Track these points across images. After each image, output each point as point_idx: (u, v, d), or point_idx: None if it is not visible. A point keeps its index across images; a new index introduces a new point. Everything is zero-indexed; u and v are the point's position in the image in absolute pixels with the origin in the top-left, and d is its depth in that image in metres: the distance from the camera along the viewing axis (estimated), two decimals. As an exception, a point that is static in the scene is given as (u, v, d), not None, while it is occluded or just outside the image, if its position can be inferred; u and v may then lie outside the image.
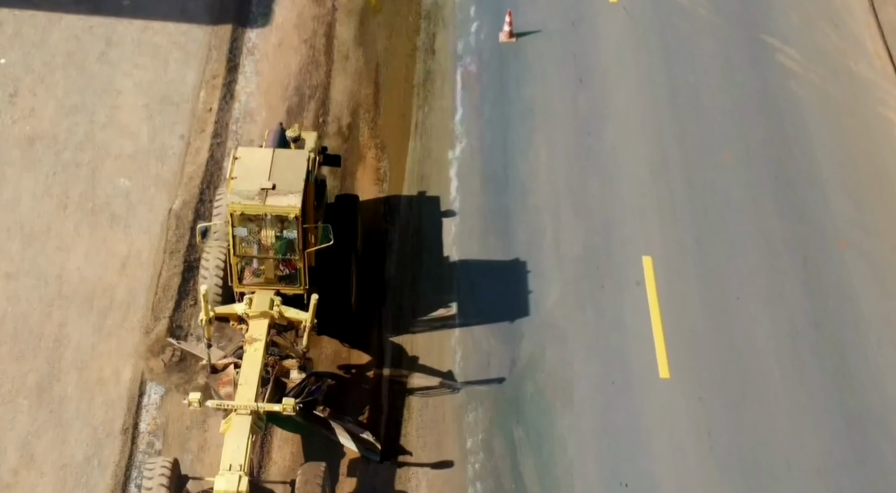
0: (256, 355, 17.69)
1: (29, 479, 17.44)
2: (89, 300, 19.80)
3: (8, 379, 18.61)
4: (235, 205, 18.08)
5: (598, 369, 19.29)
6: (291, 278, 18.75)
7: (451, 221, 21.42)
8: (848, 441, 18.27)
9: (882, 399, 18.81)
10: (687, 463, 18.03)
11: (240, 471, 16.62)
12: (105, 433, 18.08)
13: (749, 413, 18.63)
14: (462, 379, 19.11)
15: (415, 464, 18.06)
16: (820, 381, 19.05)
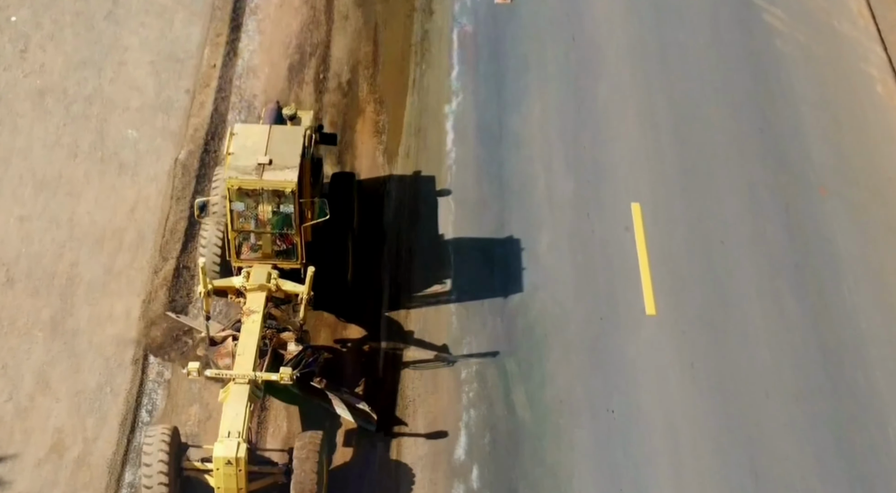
0: (254, 326, 18.60)
1: (45, 404, 18.88)
2: (100, 242, 21.23)
3: (23, 314, 20.04)
4: (233, 180, 18.84)
5: (588, 308, 20.73)
6: (288, 253, 19.56)
7: (447, 172, 22.86)
8: (823, 371, 19.74)
9: (857, 333, 20.27)
10: (670, 391, 19.48)
11: (238, 438, 17.34)
12: (116, 363, 19.51)
13: (730, 346, 20.09)
14: (457, 316, 20.55)
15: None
16: (798, 316, 20.52)
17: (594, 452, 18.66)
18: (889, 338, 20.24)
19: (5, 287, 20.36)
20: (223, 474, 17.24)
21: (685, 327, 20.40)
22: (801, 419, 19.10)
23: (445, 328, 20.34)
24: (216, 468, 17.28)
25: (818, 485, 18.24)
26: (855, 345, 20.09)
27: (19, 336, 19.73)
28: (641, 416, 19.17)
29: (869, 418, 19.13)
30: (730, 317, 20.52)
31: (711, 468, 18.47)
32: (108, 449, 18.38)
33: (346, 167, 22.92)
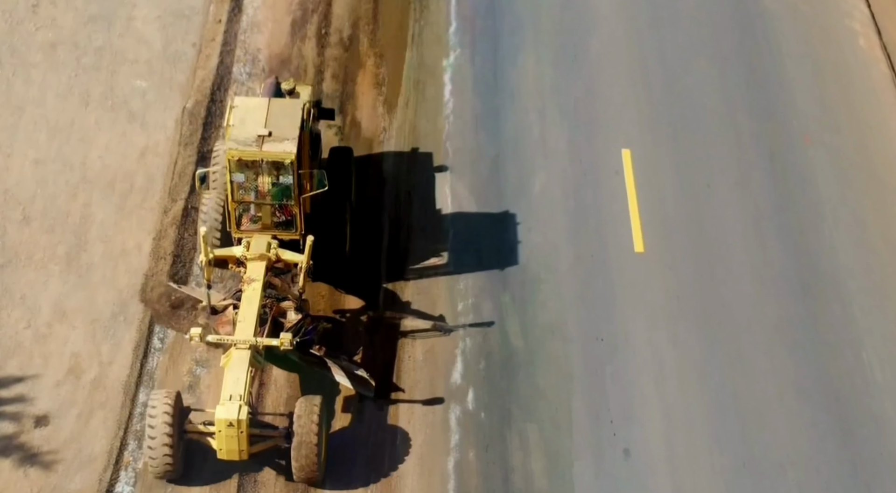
0: (254, 294, 19.55)
1: (62, 331, 20.42)
2: (111, 184, 22.77)
3: (39, 249, 21.58)
4: (233, 151, 19.65)
5: (579, 246, 22.28)
6: (287, 224, 20.42)
7: (444, 121, 24.39)
8: (802, 302, 21.32)
9: (835, 269, 21.84)
10: (656, 321, 21.04)
11: (240, 401, 18.19)
12: (129, 295, 21.06)
13: (714, 280, 21.66)
14: (453, 253, 22.08)
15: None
16: (780, 253, 22.08)
17: (583, 376, 20.23)
18: (866, 272, 21.81)
19: (22, 225, 21.92)
20: (225, 436, 18.11)
21: (672, 264, 21.96)
22: (780, 346, 20.66)
23: (444, 265, 21.86)
24: (218, 431, 18.15)
25: (794, 404, 19.81)
26: (833, 279, 21.68)
27: (36, 270, 21.28)
28: (629, 344, 20.73)
29: (845, 344, 20.70)
30: (714, 254, 22.08)
31: (694, 390, 20.03)
32: (123, 372, 19.93)
33: (346, 118, 24.48)
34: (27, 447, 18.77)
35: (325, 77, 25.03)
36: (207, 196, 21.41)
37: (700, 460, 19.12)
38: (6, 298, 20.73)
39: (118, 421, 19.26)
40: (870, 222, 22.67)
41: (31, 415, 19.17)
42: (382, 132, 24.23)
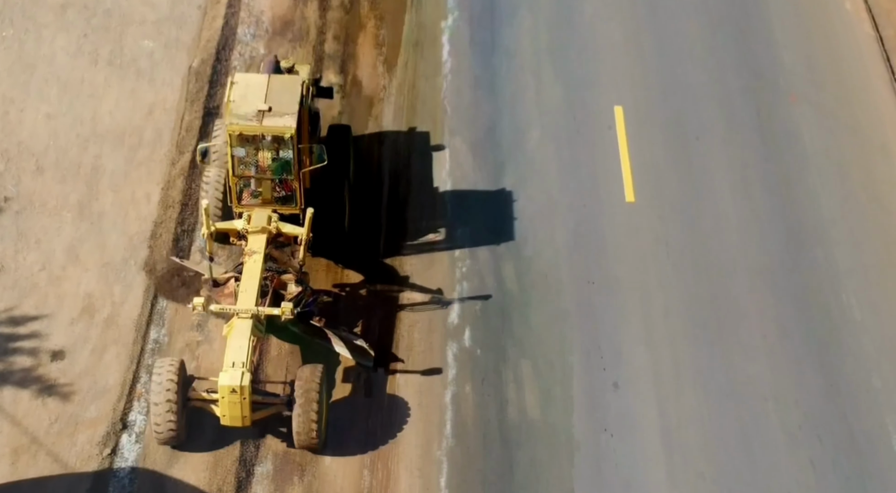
0: (256, 265, 20.38)
1: (75, 274, 21.80)
2: (121, 138, 24.15)
3: (53, 197, 22.96)
4: (234, 126, 20.35)
5: (572, 196, 23.66)
6: (287, 198, 21.18)
7: (443, 80, 25.74)
8: (786, 249, 22.70)
9: (818, 217, 23.24)
10: (646, 266, 22.42)
11: (242, 368, 18.96)
12: (140, 241, 22.43)
13: (702, 228, 23.03)
14: (452, 205, 23.44)
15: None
16: (765, 203, 23.47)
17: (575, 315, 21.62)
18: (847, 220, 23.20)
19: (35, 174, 23.29)
20: (228, 402, 18.90)
21: (661, 213, 23.34)
22: (765, 290, 22.04)
23: (441, 215, 23.22)
24: (221, 397, 18.92)
25: (776, 341, 21.20)
26: (816, 227, 23.07)
27: (50, 216, 22.65)
28: (619, 286, 22.10)
29: (826, 288, 22.09)
30: (703, 204, 23.46)
31: (681, 329, 21.42)
32: (134, 312, 21.31)
33: (347, 77, 25.85)
34: (44, 379, 20.16)
35: (326, 38, 26.40)
36: (208, 172, 22.28)
37: (685, 392, 20.52)
38: (21, 242, 22.12)
39: (130, 356, 20.64)
40: (852, 174, 24.06)
41: (48, 350, 20.56)
42: (382, 90, 25.59)
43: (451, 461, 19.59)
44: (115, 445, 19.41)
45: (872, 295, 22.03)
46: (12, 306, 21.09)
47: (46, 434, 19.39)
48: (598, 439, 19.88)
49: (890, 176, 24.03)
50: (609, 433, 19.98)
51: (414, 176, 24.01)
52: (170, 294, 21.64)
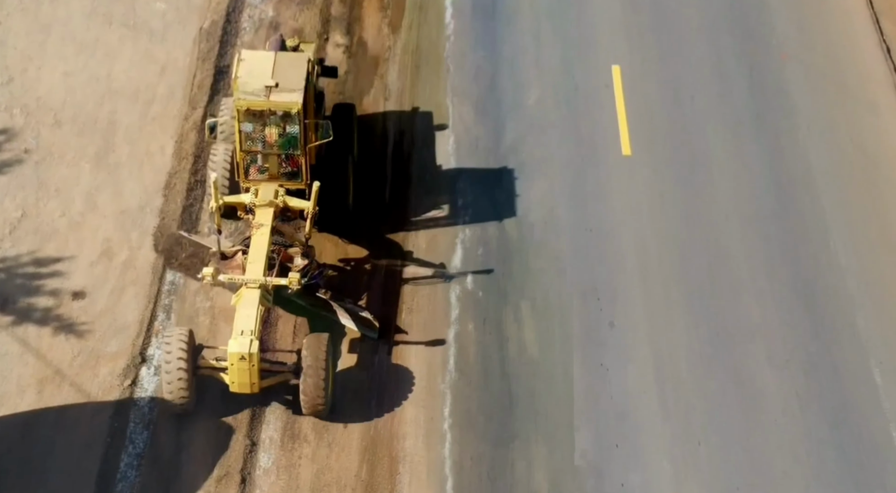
0: (263, 238, 21.20)
1: (94, 220, 23.22)
2: (135, 94, 25.58)
3: (71, 149, 24.38)
4: (241, 101, 21.21)
5: (570, 150, 25.10)
6: (293, 174, 21.98)
7: (445, 41, 27.17)
8: (776, 198, 24.17)
9: (806, 167, 24.72)
10: (641, 214, 23.87)
11: (251, 336, 19.78)
12: (154, 190, 23.87)
13: (696, 180, 24.49)
14: (455, 157, 24.85)
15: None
16: (756, 156, 24.94)
17: (573, 260, 23.06)
18: (835, 170, 24.67)
19: (54, 127, 24.72)
20: (237, 369, 19.72)
21: (657, 166, 24.78)
22: (754, 236, 23.49)
23: (444, 168, 24.64)
24: (230, 364, 19.76)
25: (765, 283, 22.65)
26: (804, 177, 24.54)
27: (68, 167, 24.08)
28: (615, 233, 23.56)
29: (813, 234, 23.55)
30: (696, 157, 24.91)
31: (674, 273, 22.87)
32: (151, 255, 22.74)
33: (353, 38, 27.28)
34: (66, 317, 21.58)
35: (332, 1, 27.79)
36: (215, 148, 23.13)
37: (677, 330, 21.96)
38: (42, 190, 23.55)
39: (148, 296, 22.07)
40: (840, 128, 25.51)
41: (69, 290, 21.99)
42: (387, 51, 27.02)
43: (454, 393, 21.02)
44: (135, 377, 20.85)
45: (857, 241, 23.48)
46: (35, 249, 22.53)
47: (70, 367, 20.83)
48: (595, 373, 21.32)
49: (876, 130, 25.50)
50: (605, 367, 21.41)
51: (417, 132, 25.42)
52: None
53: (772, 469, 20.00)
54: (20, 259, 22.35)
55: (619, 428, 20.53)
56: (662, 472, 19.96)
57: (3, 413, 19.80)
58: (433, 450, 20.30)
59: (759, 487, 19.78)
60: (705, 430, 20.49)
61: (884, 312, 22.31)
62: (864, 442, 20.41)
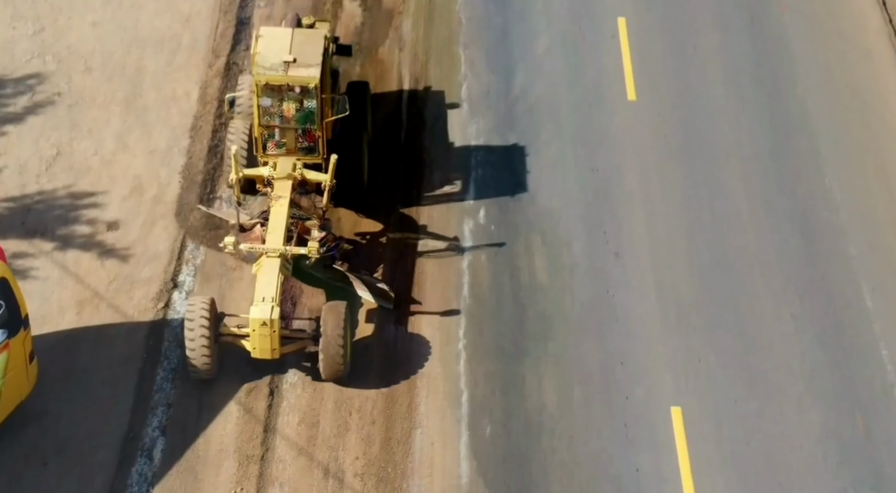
0: (282, 209, 22.20)
1: (125, 159, 25.11)
2: (161, 43, 27.45)
3: (101, 93, 26.27)
4: (260, 76, 22.22)
5: (578, 95, 26.97)
6: (310, 149, 22.99)
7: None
8: (773, 139, 26.06)
9: (803, 111, 26.62)
10: (645, 155, 25.75)
11: (272, 302, 20.83)
12: (181, 132, 25.75)
13: (697, 122, 26.40)
14: (468, 103, 26.69)
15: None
16: (755, 99, 26.85)
17: (580, 197, 24.94)
18: (831, 114, 26.59)
19: (84, 74, 26.60)
20: (258, 335, 20.73)
21: (660, 109, 26.66)
22: (753, 174, 25.37)
23: (457, 112, 26.47)
24: (252, 330, 20.78)
25: (763, 216, 24.56)
26: (801, 120, 26.47)
27: (99, 109, 25.96)
28: (620, 172, 25.44)
29: (810, 172, 25.44)
30: (698, 102, 26.80)
31: (676, 208, 24.75)
32: (177, 192, 24.56)
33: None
34: (102, 245, 23.47)
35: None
36: (233, 124, 24.19)
37: (680, 260, 23.82)
38: (75, 131, 25.43)
39: (178, 227, 23.92)
40: (837, 75, 27.40)
41: (104, 221, 23.87)
42: (402, 4, 28.86)
43: (468, 316, 22.89)
44: (168, 300, 22.73)
45: (851, 178, 25.36)
46: (70, 184, 24.42)
47: (106, 290, 22.71)
48: (601, 298, 23.18)
49: (871, 76, 27.39)
50: (611, 293, 23.27)
51: (431, 80, 27.25)
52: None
53: (767, 384, 21.88)
54: (57, 193, 24.25)
55: (624, 347, 22.41)
56: (664, 386, 21.83)
57: (47, 331, 21.67)
58: (448, 367, 22.16)
59: (755, 399, 21.65)
60: (705, 348, 22.37)
61: (875, 242, 24.22)
62: (854, 359, 22.29)
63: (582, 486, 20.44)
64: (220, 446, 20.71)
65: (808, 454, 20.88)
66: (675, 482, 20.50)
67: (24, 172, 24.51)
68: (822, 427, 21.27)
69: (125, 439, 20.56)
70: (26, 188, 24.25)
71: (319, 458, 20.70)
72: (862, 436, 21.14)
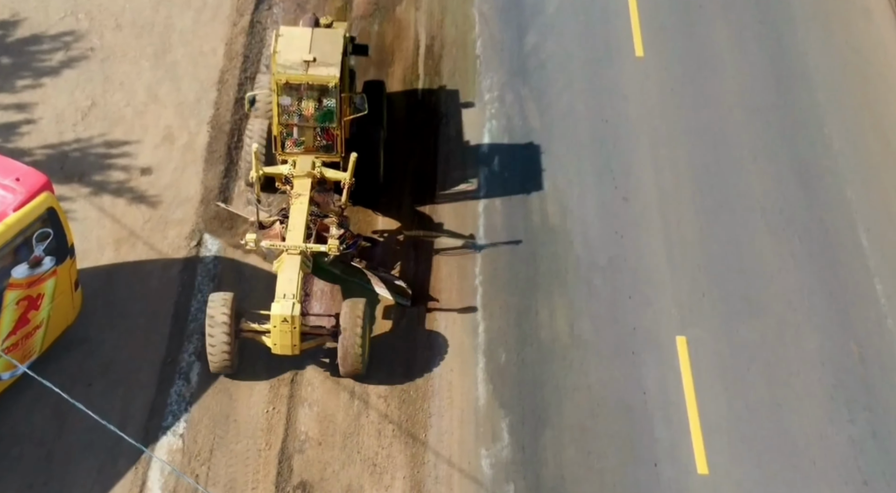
0: (302, 206, 23.04)
1: (156, 110, 27.03)
2: (187, 2, 29.47)
3: (132, 48, 28.19)
4: (280, 75, 23.08)
5: (588, 52, 28.90)
6: (329, 147, 23.86)
7: (471, -41, 31.04)
8: (776, 91, 28.02)
9: (804, 65, 28.63)
10: (652, 107, 27.68)
11: (293, 299, 21.65)
12: (209, 85, 27.67)
13: (703, 75, 28.35)
14: (483, 59, 28.55)
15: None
16: (758, 54, 28.85)
17: (590, 145, 26.84)
18: (829, 68, 28.52)
19: (115, 30, 28.53)
20: (279, 331, 21.54)
21: (667, 65, 28.56)
22: (757, 124, 27.28)
23: (472, 67, 28.31)
24: (273, 326, 21.57)
25: (765, 162, 26.49)
26: (802, 73, 28.39)
27: (130, 64, 27.88)
28: (629, 123, 27.33)
29: (810, 122, 27.38)
30: (704, 57, 28.71)
31: (682, 156, 26.65)
32: (205, 140, 26.45)
33: (385, -38, 31.06)
34: (136, 189, 25.39)
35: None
36: (251, 123, 25.21)
37: (685, 203, 25.73)
38: (108, 83, 27.36)
39: (207, 174, 25.80)
40: (837, 32, 29.35)
41: (137, 167, 25.79)
42: None
43: (483, 254, 24.76)
44: (200, 239, 24.64)
45: (849, 128, 27.30)
46: (105, 133, 26.34)
47: (142, 229, 24.62)
48: (610, 239, 25.09)
49: (870, 33, 29.31)
50: (619, 234, 25.16)
51: (446, 37, 29.12)
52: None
53: (767, 314, 23.77)
54: (92, 141, 26.16)
55: (632, 282, 24.30)
56: (670, 318, 23.72)
57: (87, 265, 23.56)
58: (466, 300, 24.11)
59: (755, 330, 23.53)
60: (709, 283, 24.27)
61: (871, 185, 26.17)
62: (850, 293, 24.21)
63: (592, 407, 22.35)
64: (253, 370, 22.61)
65: (805, 378, 22.78)
66: (680, 403, 22.40)
67: (61, 122, 26.47)
68: (819, 354, 23.19)
69: (163, 363, 22.52)
70: (64, 136, 26.20)
71: (345, 382, 22.58)
72: (856, 361, 23.06)
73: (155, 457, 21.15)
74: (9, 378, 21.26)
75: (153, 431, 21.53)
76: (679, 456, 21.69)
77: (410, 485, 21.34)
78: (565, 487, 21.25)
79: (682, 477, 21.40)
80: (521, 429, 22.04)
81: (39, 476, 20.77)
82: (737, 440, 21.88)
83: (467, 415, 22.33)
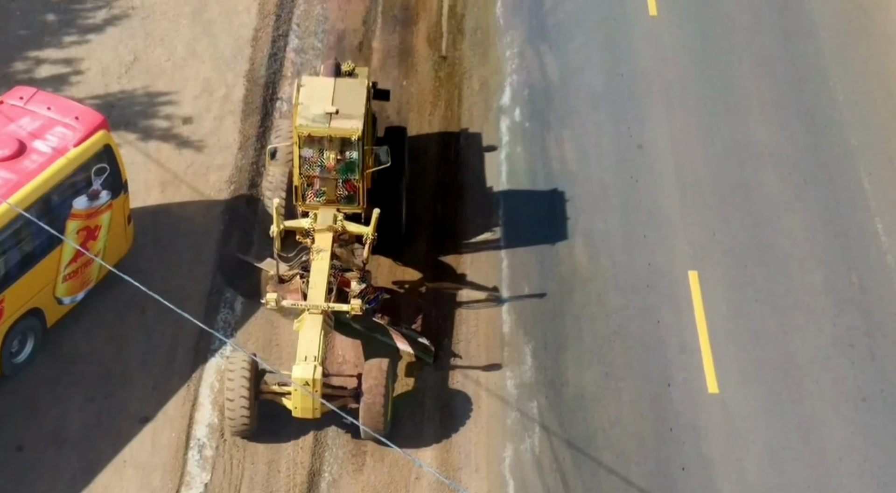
0: (323, 263, 23.03)
1: (194, 64, 29.39)
2: (221, -32, 31.78)
3: (171, 7, 30.64)
4: (302, 127, 23.22)
5: (604, 11, 31.28)
6: (350, 198, 24.01)
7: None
8: (783, 46, 30.34)
9: (811, 21, 31.05)
10: (666, 62, 29.98)
11: (314, 362, 21.63)
12: (244, 41, 30.05)
13: (713, 32, 30.72)
14: (504, 18, 30.81)
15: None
16: (767, 12, 31.26)
17: (606, 97, 29.21)
18: (835, 25, 30.89)
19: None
20: (301, 394, 21.57)
21: (679, 23, 30.87)
22: (765, 77, 29.61)
23: (494, 25, 30.57)
24: (294, 390, 21.63)
25: (773, 112, 28.83)
26: (809, 29, 30.76)
27: (169, 22, 30.23)
28: (643, 77, 29.63)
29: (815, 74, 29.68)
30: (715, 16, 31.06)
31: (694, 105, 28.99)
32: (242, 92, 28.75)
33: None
34: (179, 136, 27.73)
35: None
36: (272, 172, 25.35)
37: (697, 151, 28.04)
38: (149, 39, 29.71)
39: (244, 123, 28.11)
40: (841, -9, 31.66)
41: (179, 116, 28.14)
42: None
43: (505, 196, 27.08)
44: (239, 182, 26.92)
45: (853, 80, 29.64)
46: (147, 85, 28.70)
47: (185, 173, 26.95)
48: (626, 183, 27.39)
49: (875, -9, 31.67)
50: (634, 179, 27.47)
51: (468, 8, 31.40)
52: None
53: (774, 251, 26.08)
54: (136, 92, 28.51)
55: (647, 222, 26.61)
56: (683, 253, 26.04)
57: (136, 205, 25.86)
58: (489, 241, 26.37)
59: (763, 264, 25.84)
60: (719, 222, 26.58)
61: (873, 132, 28.49)
62: (852, 231, 26.52)
63: (609, 335, 24.66)
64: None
65: (809, 307, 25.10)
66: (692, 330, 24.71)
67: (107, 74, 28.83)
68: (822, 285, 25.50)
69: (210, 293, 24.89)
70: (109, 88, 28.56)
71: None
72: (857, 291, 25.36)
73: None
74: (69, 303, 23.61)
75: (202, 352, 23.92)
76: (691, 377, 23.99)
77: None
78: (584, 404, 23.58)
79: (693, 396, 23.70)
80: (543, 353, 24.38)
81: (100, 390, 23.17)
82: (745, 362, 24.19)
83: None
